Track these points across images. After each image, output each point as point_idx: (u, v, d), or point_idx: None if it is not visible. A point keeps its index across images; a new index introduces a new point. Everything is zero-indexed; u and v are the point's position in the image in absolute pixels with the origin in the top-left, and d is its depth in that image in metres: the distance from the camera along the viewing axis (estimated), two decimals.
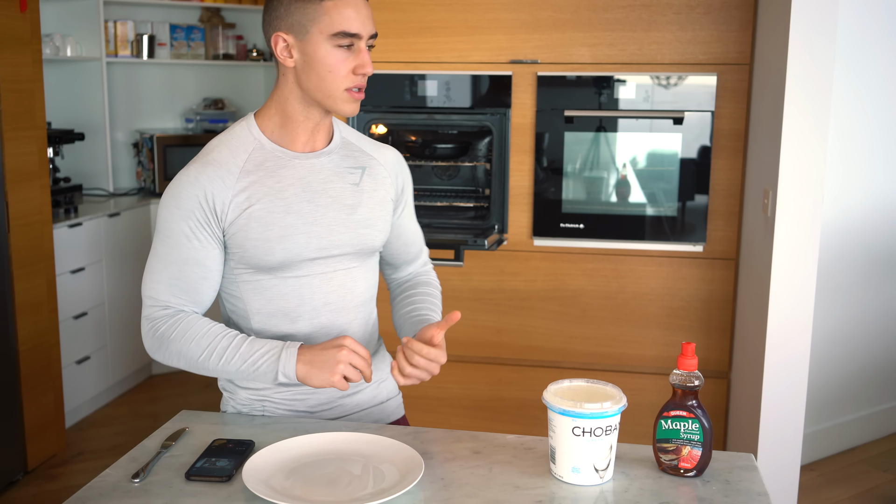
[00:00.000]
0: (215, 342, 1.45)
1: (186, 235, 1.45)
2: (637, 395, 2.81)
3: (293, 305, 1.52)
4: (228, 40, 4.98)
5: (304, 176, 1.50)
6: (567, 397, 1.33)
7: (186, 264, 1.46)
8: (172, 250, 1.46)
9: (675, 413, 1.35)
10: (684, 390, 1.35)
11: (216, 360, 1.45)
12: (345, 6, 1.42)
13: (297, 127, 1.51)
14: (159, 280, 1.48)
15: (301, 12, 1.43)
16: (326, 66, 1.44)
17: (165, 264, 1.47)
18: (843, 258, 3.47)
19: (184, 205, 1.44)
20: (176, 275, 1.47)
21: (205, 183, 1.44)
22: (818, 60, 2.42)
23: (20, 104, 3.20)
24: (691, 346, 1.34)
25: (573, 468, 1.31)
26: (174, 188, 1.46)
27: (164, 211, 1.46)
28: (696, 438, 1.33)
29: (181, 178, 1.46)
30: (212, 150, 1.49)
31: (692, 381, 1.34)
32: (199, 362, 1.46)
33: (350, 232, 1.53)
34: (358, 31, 1.43)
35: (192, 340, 1.46)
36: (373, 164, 1.60)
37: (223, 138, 1.50)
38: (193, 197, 1.44)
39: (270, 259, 1.48)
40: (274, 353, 1.44)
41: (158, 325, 1.47)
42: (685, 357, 1.34)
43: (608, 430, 1.30)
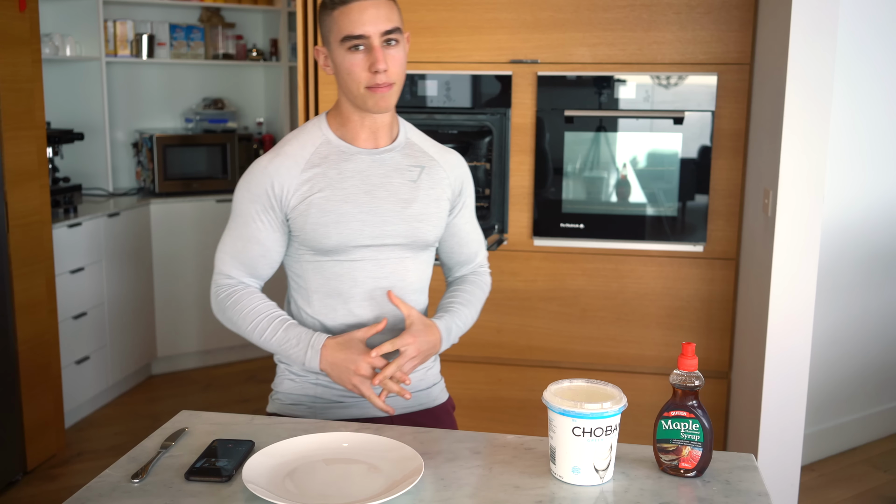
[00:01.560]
0: (258, 320, 1.62)
1: (252, 217, 1.62)
2: (637, 395, 2.81)
3: (347, 287, 1.65)
4: (228, 40, 4.98)
5: (364, 170, 1.63)
6: (567, 397, 1.33)
7: (249, 242, 1.63)
8: (240, 228, 1.63)
9: (675, 413, 1.34)
10: (684, 390, 1.35)
11: (258, 336, 1.62)
12: (349, 11, 1.53)
13: (356, 126, 1.64)
14: (226, 252, 1.65)
15: (324, 26, 1.59)
16: (346, 70, 1.57)
17: (233, 239, 1.65)
18: (843, 258, 3.47)
19: (253, 189, 1.61)
20: (240, 249, 1.64)
21: (273, 172, 1.60)
22: (818, 60, 2.42)
23: (19, 104, 3.19)
24: (691, 346, 1.34)
25: (573, 468, 1.31)
26: (249, 174, 1.63)
27: (237, 193, 1.65)
28: (696, 439, 1.33)
29: (255, 165, 1.63)
30: (285, 143, 1.65)
31: (692, 381, 1.34)
32: (247, 333, 1.64)
33: (403, 224, 1.65)
34: (363, 33, 1.53)
35: (241, 313, 1.63)
36: (433, 164, 1.71)
37: (296, 133, 1.67)
38: (262, 184, 1.60)
39: (326, 242, 1.61)
40: (303, 345, 1.60)
41: (220, 291, 1.65)
42: (685, 357, 1.34)
43: (608, 430, 1.30)
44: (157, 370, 4.58)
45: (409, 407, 1.72)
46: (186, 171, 4.59)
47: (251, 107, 5.21)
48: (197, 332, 4.60)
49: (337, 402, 1.68)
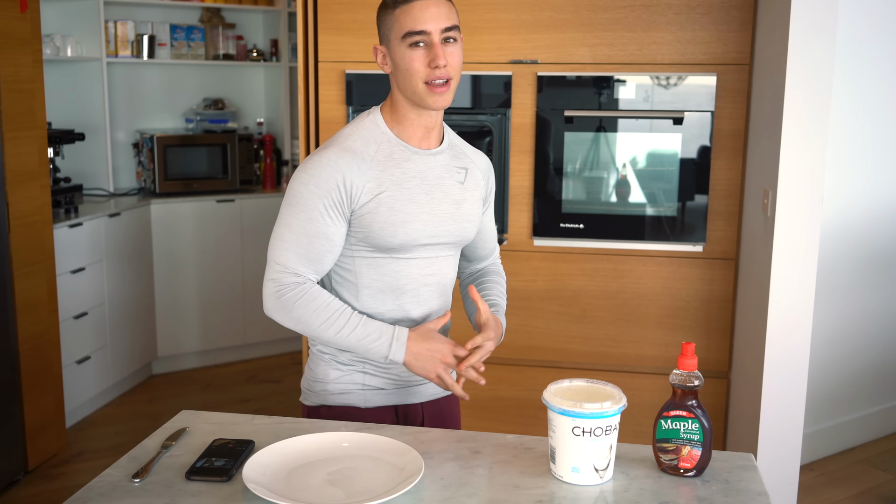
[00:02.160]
0: (334, 317, 1.59)
1: (320, 212, 1.58)
2: (637, 395, 2.81)
3: (402, 283, 1.67)
4: (228, 40, 4.98)
5: (422, 170, 1.66)
6: (567, 397, 1.33)
7: (316, 237, 1.59)
8: (305, 223, 1.59)
9: (675, 413, 1.35)
10: (684, 390, 1.35)
11: (333, 333, 1.59)
12: (410, 9, 1.57)
13: (412, 125, 1.66)
14: (289, 248, 1.60)
15: (383, 24, 1.62)
16: (405, 67, 1.59)
17: (297, 235, 1.60)
18: (843, 258, 3.47)
19: (322, 184, 1.58)
20: (306, 246, 1.60)
21: (344, 167, 1.58)
22: (818, 60, 2.42)
23: (20, 104, 3.20)
24: (691, 346, 1.34)
25: (573, 468, 1.31)
26: (313, 167, 1.59)
27: (300, 186, 1.59)
28: (695, 438, 1.34)
29: (321, 158, 1.59)
30: (347, 137, 1.63)
31: (692, 381, 1.34)
32: (317, 330, 1.60)
33: (455, 224, 1.70)
34: (423, 28, 1.56)
35: (314, 311, 1.59)
36: (472, 166, 1.77)
37: (355, 129, 1.65)
38: (332, 178, 1.58)
39: (392, 241, 1.63)
40: (385, 338, 1.60)
41: (285, 290, 1.60)
42: (685, 357, 1.34)
43: (608, 430, 1.30)
44: (158, 370, 4.58)
45: (439, 393, 1.80)
46: (187, 172, 4.59)
47: (251, 107, 5.22)
48: (197, 332, 4.61)
49: (381, 389, 1.72)
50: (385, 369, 1.70)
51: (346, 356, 1.69)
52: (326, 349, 1.72)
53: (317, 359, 1.74)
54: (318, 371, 1.73)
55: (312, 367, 1.75)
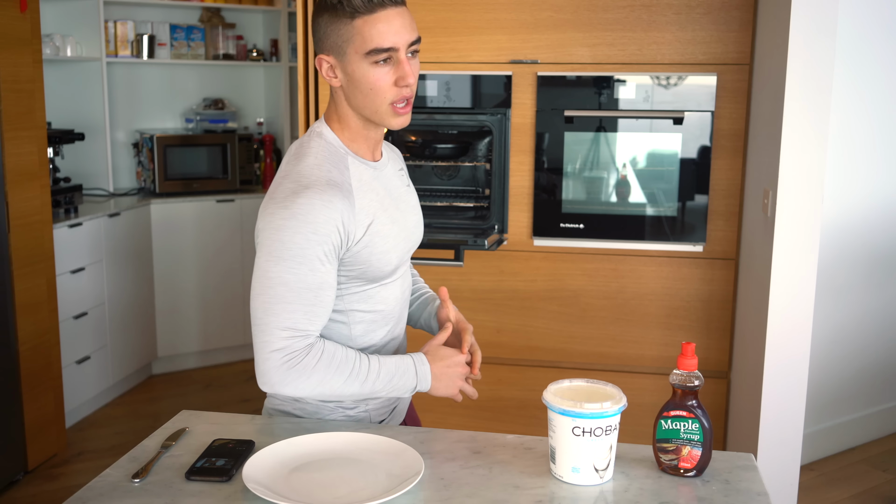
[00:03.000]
0: (355, 367, 1.46)
1: (321, 260, 1.41)
2: (637, 395, 2.81)
3: (390, 307, 1.59)
4: (228, 40, 4.98)
5: (386, 185, 1.55)
6: (567, 397, 1.33)
7: (322, 289, 1.42)
8: (307, 277, 1.40)
9: (675, 413, 1.35)
10: (684, 390, 1.35)
11: (358, 385, 1.46)
12: (375, 21, 1.40)
13: (364, 140, 1.53)
14: (295, 310, 1.40)
15: (336, 34, 1.42)
16: (368, 85, 1.43)
17: (300, 292, 1.40)
18: (844, 258, 3.47)
19: (321, 230, 1.39)
20: (312, 301, 1.41)
21: (339, 205, 1.40)
22: (818, 60, 2.42)
23: (20, 104, 3.20)
24: (691, 346, 1.34)
25: (573, 468, 1.31)
26: (304, 212, 1.38)
27: (294, 236, 1.38)
28: (696, 438, 1.34)
29: (309, 200, 1.38)
30: (318, 167, 1.44)
31: (692, 381, 1.34)
32: (340, 388, 1.45)
33: (418, 231, 1.64)
34: (392, 45, 1.41)
35: (335, 369, 1.44)
36: (401, 161, 1.69)
37: (319, 155, 1.46)
38: (331, 221, 1.39)
39: (387, 269, 1.52)
40: (410, 369, 1.51)
41: (298, 357, 1.41)
42: (685, 357, 1.34)
43: (608, 430, 1.30)
44: (158, 370, 4.58)
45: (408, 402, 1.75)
46: (187, 172, 4.59)
47: (251, 107, 5.22)
48: (197, 332, 4.61)
49: (383, 419, 1.65)
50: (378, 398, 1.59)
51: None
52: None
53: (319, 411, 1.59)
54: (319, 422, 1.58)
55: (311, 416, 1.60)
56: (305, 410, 1.58)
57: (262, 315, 1.41)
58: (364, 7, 1.39)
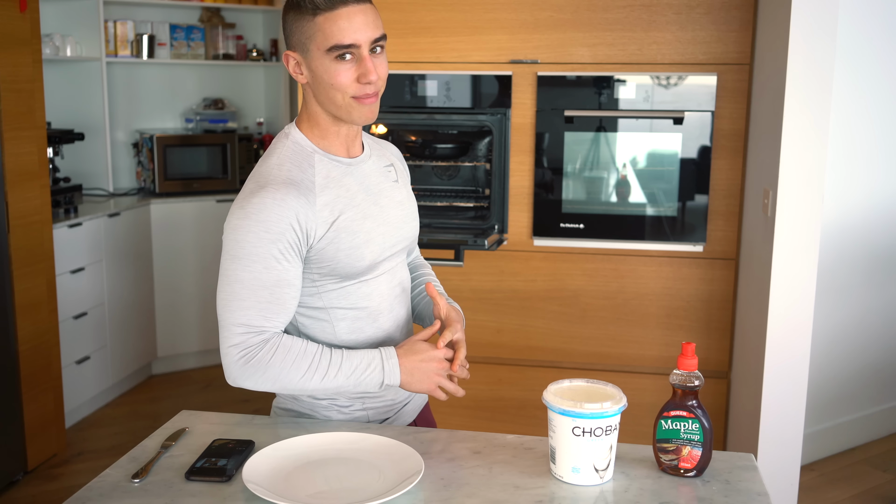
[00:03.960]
0: (315, 361, 1.45)
1: (276, 258, 1.42)
2: (637, 395, 2.81)
3: (375, 304, 1.57)
4: (228, 40, 4.98)
5: (361, 181, 1.54)
6: (567, 397, 1.33)
7: (278, 286, 1.43)
8: (261, 275, 1.42)
9: (675, 413, 1.35)
10: (684, 390, 1.35)
11: (318, 380, 1.45)
12: (336, 18, 1.41)
13: (336, 137, 1.53)
14: (249, 306, 1.42)
15: (300, 31, 1.44)
16: (329, 81, 1.44)
17: (254, 290, 1.42)
18: (844, 258, 3.47)
19: (273, 228, 1.41)
20: (268, 298, 1.43)
21: (293, 204, 1.42)
22: (818, 60, 2.42)
23: (20, 104, 3.20)
24: (691, 346, 1.34)
25: (573, 468, 1.31)
26: (257, 211, 1.41)
27: (247, 235, 1.41)
28: (696, 438, 1.33)
29: (262, 199, 1.41)
30: (277, 167, 1.46)
31: (692, 381, 1.34)
32: (299, 383, 1.45)
33: (406, 227, 1.62)
34: (353, 41, 1.42)
35: (292, 364, 1.43)
36: (393, 159, 1.68)
37: (281, 155, 1.48)
38: (283, 219, 1.41)
39: (360, 265, 1.51)
40: (375, 363, 1.47)
41: (253, 352, 1.43)
42: (685, 357, 1.34)
43: (608, 430, 1.30)
44: (158, 370, 4.58)
45: (420, 405, 1.73)
46: (187, 172, 4.59)
47: (251, 107, 5.22)
48: (197, 332, 4.60)
49: (386, 418, 1.64)
50: (378, 397, 1.59)
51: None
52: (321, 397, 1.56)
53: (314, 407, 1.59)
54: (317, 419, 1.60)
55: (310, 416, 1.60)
56: (303, 408, 1.59)
57: (221, 311, 1.45)
58: (325, 4, 1.41)
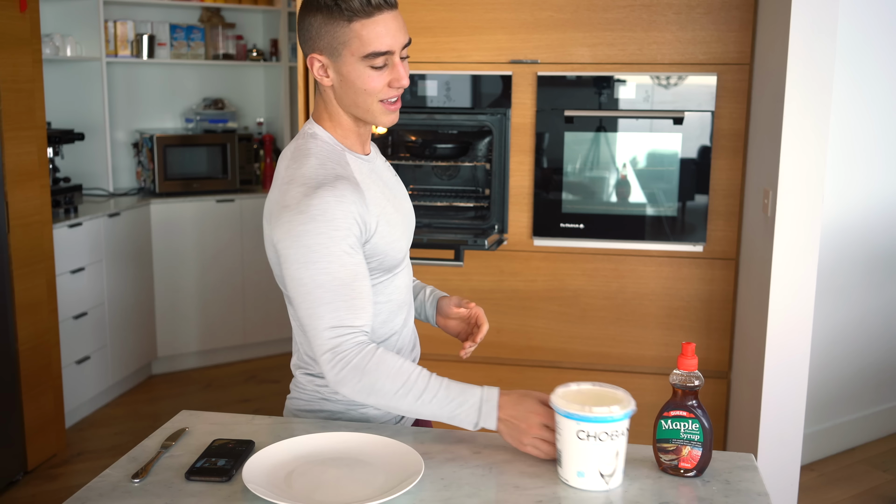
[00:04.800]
0: (411, 381, 1.40)
1: (348, 253, 1.41)
2: (637, 395, 2.80)
3: (402, 297, 1.61)
4: (228, 40, 4.98)
5: (381, 177, 1.58)
6: (575, 400, 1.31)
7: (356, 280, 1.41)
8: (338, 273, 1.39)
9: (675, 413, 1.34)
10: (684, 390, 1.35)
11: (412, 400, 1.40)
12: (374, 25, 1.41)
13: (355, 136, 1.55)
14: (337, 307, 1.40)
15: (331, 35, 1.43)
16: (362, 86, 1.45)
17: (336, 290, 1.39)
18: (844, 258, 3.47)
19: (341, 225, 1.40)
20: (350, 295, 1.40)
21: (352, 199, 1.42)
22: (818, 60, 2.42)
23: (20, 104, 3.20)
24: (691, 346, 1.34)
25: (578, 472, 1.29)
26: (320, 212, 1.39)
27: (317, 238, 1.39)
28: (696, 438, 1.33)
29: (325, 200, 1.39)
30: (322, 167, 1.45)
31: (692, 381, 1.34)
32: (393, 398, 1.40)
33: (413, 218, 1.67)
34: (389, 48, 1.43)
35: (387, 376, 1.39)
36: (381, 156, 1.71)
37: (320, 155, 1.47)
38: (349, 215, 1.41)
39: (398, 256, 1.55)
40: (473, 404, 1.40)
41: (349, 356, 1.39)
42: (685, 357, 1.34)
43: (614, 435, 1.28)
44: (158, 370, 4.58)
45: None
46: (187, 171, 4.59)
47: (251, 107, 5.22)
48: (197, 332, 4.60)
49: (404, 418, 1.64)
50: None
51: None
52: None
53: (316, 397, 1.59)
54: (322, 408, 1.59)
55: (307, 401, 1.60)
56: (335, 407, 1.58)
57: (308, 321, 1.41)
58: (362, 10, 1.41)
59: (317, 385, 1.58)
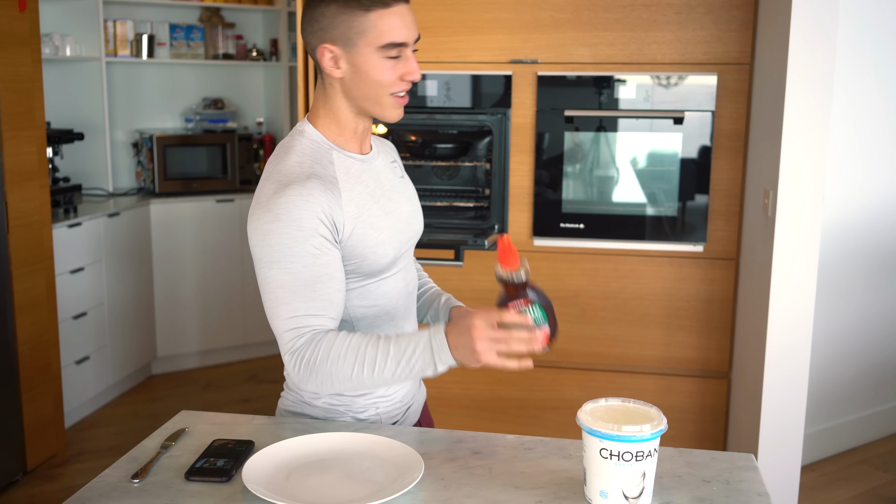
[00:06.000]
0: (362, 353, 1.37)
1: (313, 254, 1.38)
2: (637, 396, 2.81)
3: (393, 303, 1.55)
4: (228, 40, 4.98)
5: (376, 177, 1.53)
6: (604, 417, 1.25)
7: (320, 282, 1.39)
8: (301, 274, 1.38)
9: (513, 305, 1.39)
10: (515, 284, 1.39)
11: (369, 372, 1.37)
12: (391, 16, 1.41)
13: (353, 134, 1.51)
14: (296, 309, 1.38)
15: (347, 25, 1.41)
16: (376, 77, 1.44)
17: (297, 290, 1.38)
18: (844, 258, 3.47)
19: (305, 225, 1.37)
20: (310, 296, 1.38)
21: (320, 198, 1.38)
22: (818, 60, 2.41)
23: (19, 104, 3.19)
24: (505, 237, 1.39)
25: (601, 492, 1.23)
26: (285, 211, 1.37)
27: (280, 238, 1.37)
28: (541, 316, 1.37)
29: (290, 199, 1.37)
30: (298, 165, 1.42)
31: (521, 276, 1.40)
32: (353, 378, 1.37)
33: (416, 222, 1.61)
34: (405, 40, 1.43)
35: (339, 358, 1.37)
36: (394, 154, 1.68)
37: (299, 151, 1.45)
38: (313, 215, 1.37)
39: (384, 261, 1.49)
40: (424, 344, 1.36)
41: (302, 353, 1.38)
42: (505, 253, 1.39)
43: (639, 455, 1.21)
44: (157, 370, 4.57)
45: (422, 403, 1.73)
46: (186, 171, 4.59)
47: (251, 107, 5.21)
48: (197, 332, 4.60)
49: (395, 421, 1.63)
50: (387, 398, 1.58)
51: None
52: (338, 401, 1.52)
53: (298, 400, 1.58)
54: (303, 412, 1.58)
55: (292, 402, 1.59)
56: (315, 412, 1.57)
57: (272, 322, 1.41)
58: (381, 0, 1.40)
59: (299, 387, 1.55)
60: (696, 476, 1.35)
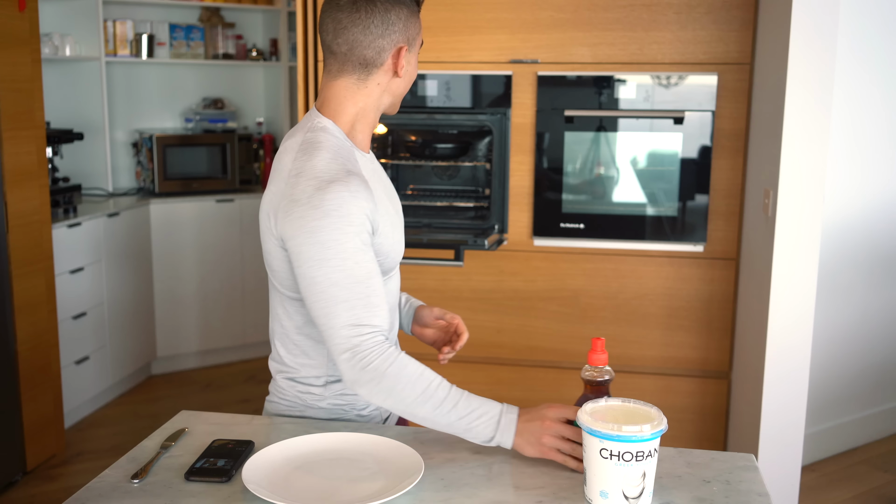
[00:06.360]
0: (431, 389, 1.36)
1: (362, 251, 1.37)
2: (637, 396, 2.80)
3: (393, 300, 1.59)
4: (228, 40, 4.97)
5: (381, 175, 1.59)
6: (605, 417, 1.25)
7: (371, 278, 1.38)
8: (354, 270, 1.36)
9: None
10: (594, 385, 1.36)
11: (430, 409, 1.36)
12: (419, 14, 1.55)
13: (369, 133, 1.56)
14: (353, 306, 1.35)
15: (413, 26, 1.52)
16: (414, 74, 1.56)
17: (351, 287, 1.35)
18: (845, 258, 3.47)
19: (355, 220, 1.36)
20: (366, 293, 1.37)
21: (364, 195, 1.38)
22: (819, 60, 2.41)
23: (19, 104, 3.19)
24: (601, 341, 1.36)
25: (601, 492, 1.23)
26: (335, 207, 1.35)
27: (332, 234, 1.35)
28: None
29: (339, 195, 1.35)
30: (335, 162, 1.41)
31: (603, 375, 1.36)
32: (411, 405, 1.36)
33: (403, 219, 1.64)
34: None
35: (407, 381, 1.35)
36: None
37: (331, 149, 1.43)
38: (361, 210, 1.37)
39: (396, 258, 1.53)
40: (493, 416, 1.37)
41: (369, 357, 1.35)
42: (595, 352, 1.35)
43: (639, 455, 1.21)
44: (157, 370, 4.57)
45: None
46: (186, 171, 4.59)
47: (251, 107, 5.21)
48: (197, 332, 4.60)
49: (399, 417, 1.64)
50: None
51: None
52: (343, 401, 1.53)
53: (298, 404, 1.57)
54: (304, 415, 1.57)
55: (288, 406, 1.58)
56: (319, 413, 1.57)
57: (323, 321, 1.37)
58: (418, 4, 1.54)
59: (299, 391, 1.56)
60: (696, 476, 1.35)
